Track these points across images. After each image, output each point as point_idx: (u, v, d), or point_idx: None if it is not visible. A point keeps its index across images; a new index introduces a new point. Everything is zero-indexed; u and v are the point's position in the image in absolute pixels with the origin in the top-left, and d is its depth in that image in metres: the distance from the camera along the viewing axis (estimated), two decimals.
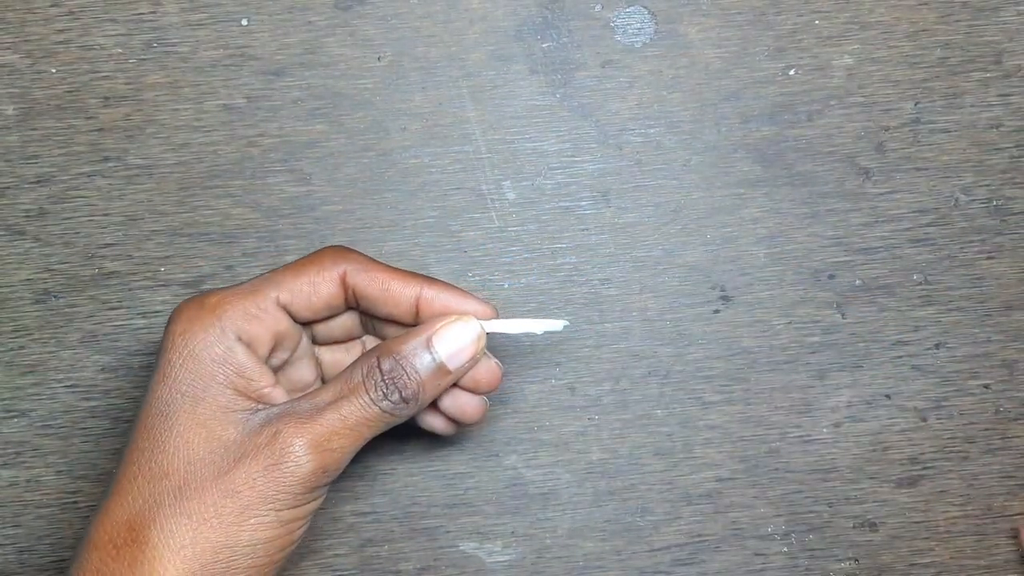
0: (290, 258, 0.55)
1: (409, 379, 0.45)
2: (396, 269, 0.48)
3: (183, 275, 0.55)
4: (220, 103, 0.55)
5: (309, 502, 0.45)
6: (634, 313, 0.55)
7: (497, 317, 0.48)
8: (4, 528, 0.55)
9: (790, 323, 0.56)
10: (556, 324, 0.49)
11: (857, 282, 0.56)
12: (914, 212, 0.56)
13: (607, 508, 0.55)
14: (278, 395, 0.46)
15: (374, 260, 0.48)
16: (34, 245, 0.55)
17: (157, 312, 0.55)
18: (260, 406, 0.45)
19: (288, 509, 0.44)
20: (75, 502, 0.55)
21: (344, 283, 0.47)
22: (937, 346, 0.56)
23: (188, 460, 0.43)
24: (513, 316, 0.54)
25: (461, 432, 0.55)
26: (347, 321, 0.49)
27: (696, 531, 0.55)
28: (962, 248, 0.56)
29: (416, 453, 0.55)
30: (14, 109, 0.55)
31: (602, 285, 0.56)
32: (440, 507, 0.55)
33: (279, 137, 0.55)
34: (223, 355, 0.45)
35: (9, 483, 0.55)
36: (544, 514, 0.55)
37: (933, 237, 0.56)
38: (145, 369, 0.55)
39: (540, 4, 0.55)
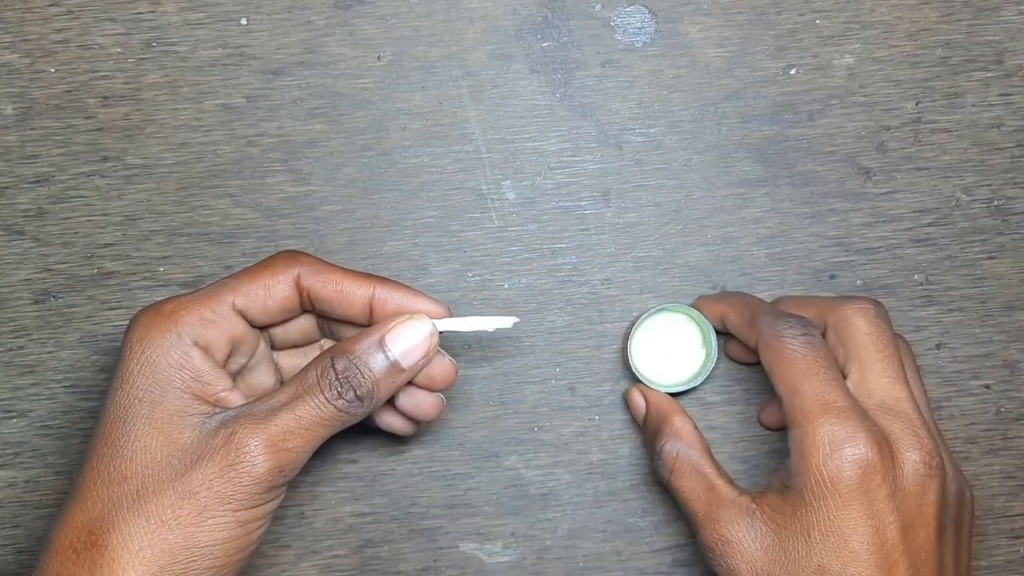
0: None
1: (363, 378, 0.46)
2: (349, 271, 0.48)
3: (182, 275, 0.55)
4: (219, 103, 0.55)
5: (267, 502, 0.45)
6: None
7: (450, 316, 0.48)
8: (3, 529, 0.55)
9: None
10: (506, 321, 0.49)
11: (858, 282, 0.55)
12: (915, 212, 0.56)
13: (607, 509, 0.55)
14: (235, 399, 0.46)
15: (327, 263, 0.48)
16: (33, 245, 0.55)
17: None
18: (217, 410, 0.45)
19: (245, 510, 0.44)
20: None
21: (298, 286, 0.48)
22: (938, 346, 0.56)
23: (145, 464, 0.44)
24: (479, 314, 0.54)
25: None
26: (304, 325, 0.50)
27: None
28: (963, 248, 0.56)
29: (416, 454, 0.55)
30: (13, 109, 0.55)
31: (602, 285, 0.55)
32: (440, 507, 0.55)
33: (279, 137, 0.55)
34: (179, 360, 0.45)
35: (8, 483, 0.55)
36: (544, 515, 0.55)
37: (934, 237, 0.56)
38: None
39: (540, 4, 0.55)
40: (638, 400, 0.54)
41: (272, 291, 0.47)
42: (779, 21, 0.55)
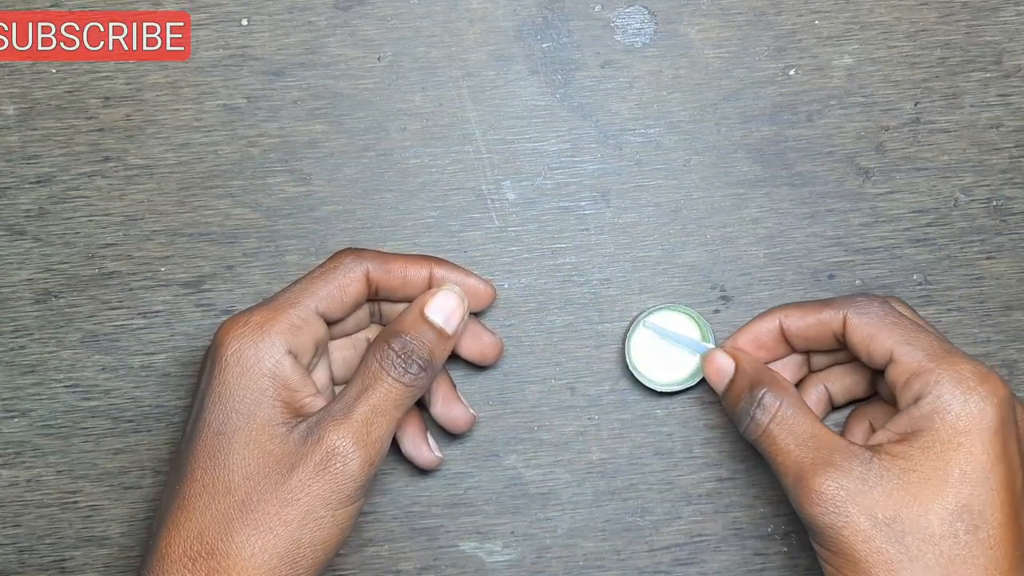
0: (290, 258, 0.55)
1: (420, 348, 0.48)
2: (405, 256, 0.52)
3: (183, 275, 0.55)
4: (220, 103, 0.55)
5: (360, 498, 0.47)
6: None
7: (495, 296, 0.53)
8: (4, 528, 0.55)
9: None
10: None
11: (857, 282, 0.56)
12: (914, 212, 0.56)
13: (607, 508, 0.55)
14: (318, 403, 0.48)
15: (384, 252, 0.52)
16: (34, 245, 0.55)
17: (157, 312, 0.55)
18: (301, 417, 0.47)
19: (342, 507, 0.46)
20: (75, 502, 0.55)
21: (368, 280, 0.50)
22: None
23: (246, 476, 0.46)
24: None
25: (461, 436, 0.55)
26: (359, 314, 0.52)
27: (696, 531, 0.55)
28: (962, 248, 0.56)
29: None
30: (14, 109, 0.55)
31: (602, 285, 0.56)
32: (440, 507, 0.55)
33: (279, 137, 0.55)
34: (273, 369, 0.47)
35: (9, 483, 0.55)
36: (544, 514, 0.55)
37: (933, 237, 0.56)
38: (146, 369, 0.55)
39: (540, 4, 0.55)
40: (724, 361, 0.52)
41: (346, 290, 0.50)
42: (778, 22, 0.56)
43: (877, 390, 0.53)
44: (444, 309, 0.50)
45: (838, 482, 0.46)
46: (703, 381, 0.54)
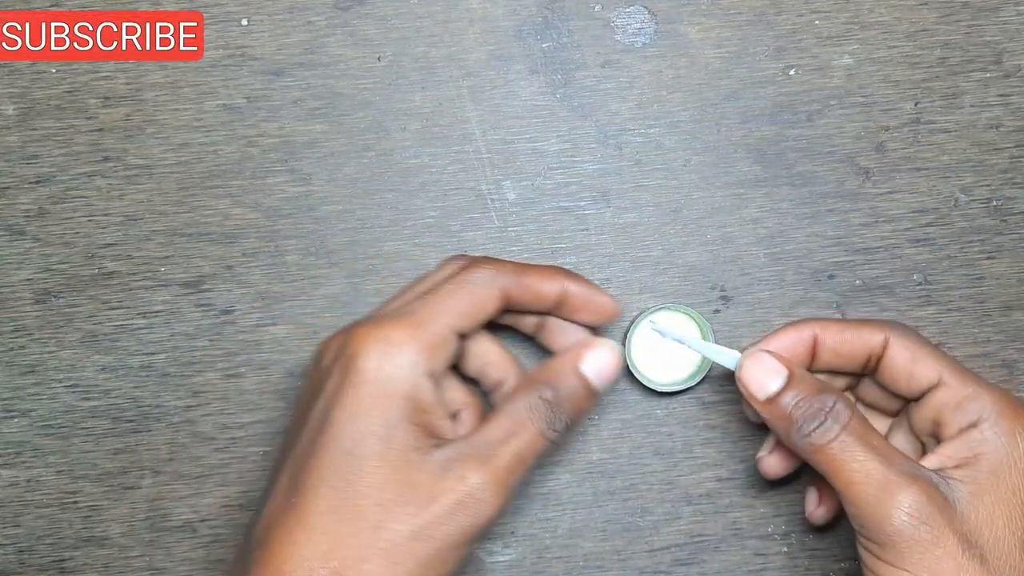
0: (290, 258, 0.55)
1: (569, 406, 0.47)
2: (537, 269, 0.50)
3: (183, 275, 0.55)
4: (220, 103, 0.55)
5: (481, 543, 0.47)
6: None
7: (620, 314, 0.51)
8: (4, 528, 0.55)
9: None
10: (730, 358, 0.51)
11: (857, 282, 0.56)
12: (914, 212, 0.56)
13: (607, 508, 0.55)
14: (448, 427, 0.47)
15: (516, 264, 0.50)
16: (34, 245, 0.55)
17: (157, 312, 0.55)
18: (436, 442, 0.46)
19: (466, 549, 0.45)
20: (75, 502, 0.55)
21: (502, 296, 0.49)
22: (937, 346, 0.56)
23: (380, 502, 0.44)
24: None
25: None
26: None
27: (696, 531, 0.55)
28: (962, 248, 0.56)
29: None
30: (14, 109, 0.55)
31: (602, 285, 0.55)
32: None
33: (279, 137, 0.55)
34: (411, 392, 0.45)
35: (9, 483, 0.55)
36: (544, 514, 0.55)
37: (933, 237, 0.56)
38: (146, 369, 0.55)
39: (540, 4, 0.55)
40: (776, 364, 0.49)
41: (484, 306, 0.48)
42: (778, 22, 0.56)
43: None
44: (598, 366, 0.48)
45: (931, 496, 0.45)
46: (703, 381, 0.54)
